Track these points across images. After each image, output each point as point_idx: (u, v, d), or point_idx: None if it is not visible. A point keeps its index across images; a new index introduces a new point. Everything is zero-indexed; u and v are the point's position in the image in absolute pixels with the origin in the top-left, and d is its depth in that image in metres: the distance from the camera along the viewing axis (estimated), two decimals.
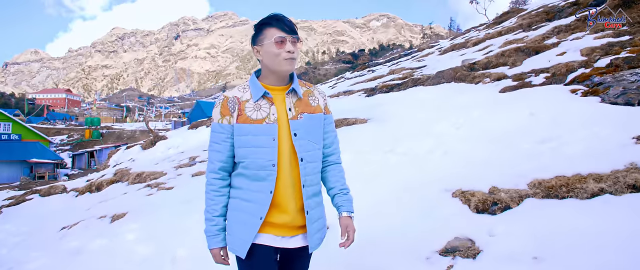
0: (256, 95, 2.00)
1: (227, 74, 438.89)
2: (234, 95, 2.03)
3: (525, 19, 13.25)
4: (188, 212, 5.68)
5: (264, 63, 2.03)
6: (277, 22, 1.98)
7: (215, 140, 2.02)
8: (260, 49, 2.02)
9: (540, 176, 3.96)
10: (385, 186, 4.78)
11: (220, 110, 2.02)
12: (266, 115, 1.97)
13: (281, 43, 1.95)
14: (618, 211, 3.15)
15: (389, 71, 13.23)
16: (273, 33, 1.96)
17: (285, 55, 1.96)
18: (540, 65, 8.64)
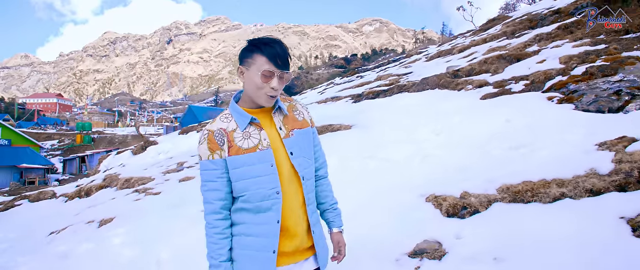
0: (243, 123, 1.87)
1: (220, 78, 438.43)
2: (219, 127, 1.88)
3: (509, 26, 13.53)
4: (174, 216, 5.83)
5: (245, 87, 1.90)
6: (270, 50, 1.81)
7: (209, 179, 1.87)
8: (245, 72, 1.87)
9: (509, 181, 4.16)
10: (364, 191, 4.95)
11: (208, 145, 1.86)
12: (258, 142, 1.86)
13: (267, 77, 1.81)
14: (574, 215, 3.34)
15: (376, 77, 13.45)
16: (262, 63, 1.81)
17: (268, 91, 1.83)
18: (521, 72, 8.87)
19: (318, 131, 8.43)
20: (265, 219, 1.84)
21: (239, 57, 1.92)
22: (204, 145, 1.88)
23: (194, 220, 5.54)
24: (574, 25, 11.04)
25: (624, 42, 8.83)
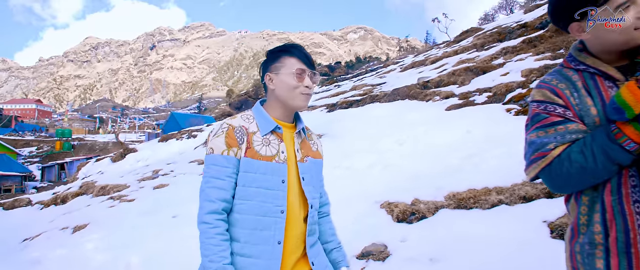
0: (265, 128, 1.77)
1: (204, 85, 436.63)
2: (240, 124, 1.75)
3: (479, 39, 14.03)
4: (147, 222, 6.05)
5: (275, 94, 1.80)
6: (298, 51, 1.80)
7: (217, 176, 1.68)
8: (275, 78, 1.79)
9: (456, 189, 4.50)
10: None
11: (226, 140, 1.70)
12: (276, 152, 1.74)
13: (300, 76, 1.76)
14: (507, 219, 3.69)
15: (351, 87, 13.82)
16: (293, 63, 1.77)
17: (303, 90, 1.77)
18: (485, 84, 9.30)
19: None
20: (264, 238, 1.67)
21: (262, 67, 1.88)
22: (221, 139, 1.70)
23: (166, 226, 5.77)
24: (537, 40, 11.55)
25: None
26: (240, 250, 1.66)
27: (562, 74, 1.42)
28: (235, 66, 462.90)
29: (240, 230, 1.67)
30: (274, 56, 1.83)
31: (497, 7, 39.41)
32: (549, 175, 1.32)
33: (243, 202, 1.67)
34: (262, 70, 1.88)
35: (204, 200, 1.66)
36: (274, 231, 1.68)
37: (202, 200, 1.67)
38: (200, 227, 1.64)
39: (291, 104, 1.79)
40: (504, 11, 37.03)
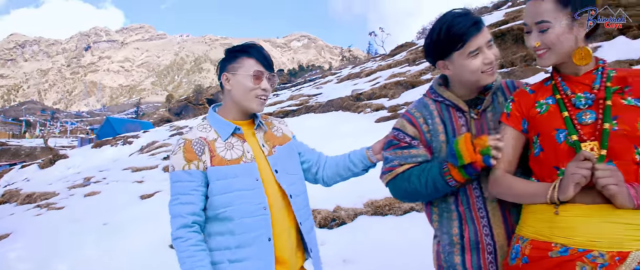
0: (225, 133, 1.76)
1: (142, 89, 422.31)
2: (197, 136, 1.72)
3: (412, 54, 14.80)
4: (76, 230, 6.00)
5: (231, 94, 1.79)
6: (257, 52, 1.78)
7: (182, 192, 1.66)
8: (231, 79, 1.77)
9: (375, 197, 4.88)
10: None
11: (185, 155, 1.68)
12: (241, 154, 1.74)
13: (257, 78, 1.76)
14: (416, 224, 4.10)
15: (289, 96, 14.14)
16: (251, 64, 1.76)
17: (259, 93, 1.77)
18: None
19: None
20: (252, 238, 1.65)
21: (219, 67, 1.85)
22: (180, 155, 1.68)
23: (97, 233, 5.76)
24: None
25: (504, 76, 10.15)
26: (232, 256, 1.65)
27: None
28: (176, 71, 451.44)
29: (227, 237, 1.66)
30: (232, 56, 1.80)
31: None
32: (393, 187, 1.71)
33: (225, 209, 1.65)
34: (219, 69, 1.85)
35: (174, 217, 1.65)
36: (262, 229, 1.66)
37: (172, 218, 1.66)
38: (174, 243, 1.63)
39: (246, 106, 1.78)
40: None
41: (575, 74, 1.47)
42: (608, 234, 1.26)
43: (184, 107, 54.63)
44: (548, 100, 1.48)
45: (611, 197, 1.25)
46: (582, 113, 1.40)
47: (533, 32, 1.46)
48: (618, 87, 1.41)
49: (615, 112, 1.37)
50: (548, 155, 1.42)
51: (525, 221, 1.46)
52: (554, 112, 1.44)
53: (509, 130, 1.54)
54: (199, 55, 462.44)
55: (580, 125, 1.38)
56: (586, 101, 1.41)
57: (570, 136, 1.37)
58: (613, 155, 1.33)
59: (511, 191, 1.47)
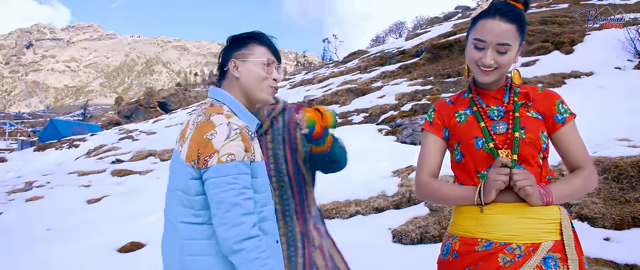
0: (252, 125, 1.64)
1: (90, 90, 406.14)
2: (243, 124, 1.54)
3: (364, 61, 15.16)
4: (14, 237, 5.82)
5: (240, 83, 1.65)
6: (268, 40, 1.69)
7: (247, 185, 1.46)
8: (241, 66, 1.64)
9: (322, 201, 5.05)
10: None
11: (244, 143, 1.47)
12: (261, 151, 1.62)
13: (270, 67, 1.66)
14: (361, 227, 4.30)
15: None
16: (263, 52, 1.66)
17: (271, 83, 1.67)
18: (363, 105, 10.20)
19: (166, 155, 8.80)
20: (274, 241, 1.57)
21: (224, 53, 1.70)
22: (239, 142, 1.46)
23: (40, 239, 5.62)
24: (412, 66, 12.87)
25: (445, 84, 10.63)
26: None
27: None
28: (126, 72, 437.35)
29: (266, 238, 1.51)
30: (241, 42, 1.67)
31: (388, 31, 41.95)
32: None
33: (263, 208, 1.54)
34: (223, 56, 1.70)
35: (244, 215, 1.42)
36: (276, 231, 1.60)
37: (237, 216, 1.41)
38: (246, 243, 1.40)
39: (257, 96, 1.65)
40: (394, 35, 39.49)
41: (489, 89, 1.66)
42: (525, 228, 1.46)
43: (134, 110, 53.04)
44: (466, 111, 1.66)
45: (526, 196, 1.45)
46: (496, 124, 1.58)
47: (489, 50, 1.55)
48: (523, 102, 1.63)
49: (523, 123, 1.56)
50: (469, 161, 1.59)
51: (456, 221, 1.62)
52: (472, 122, 1.62)
53: (432, 138, 1.68)
54: (150, 57, 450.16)
55: (494, 134, 1.56)
56: (499, 113, 1.60)
57: (487, 143, 1.54)
58: (522, 160, 1.54)
59: (438, 194, 1.62)
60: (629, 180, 3.88)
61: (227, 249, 1.41)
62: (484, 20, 1.58)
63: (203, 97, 27.14)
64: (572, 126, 1.60)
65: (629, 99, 6.52)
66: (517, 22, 1.55)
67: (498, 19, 1.54)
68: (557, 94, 1.66)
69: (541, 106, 1.62)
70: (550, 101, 1.62)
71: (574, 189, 1.53)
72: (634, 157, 4.13)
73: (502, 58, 1.55)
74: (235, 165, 1.43)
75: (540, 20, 12.04)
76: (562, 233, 1.49)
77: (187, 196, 1.51)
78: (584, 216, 3.61)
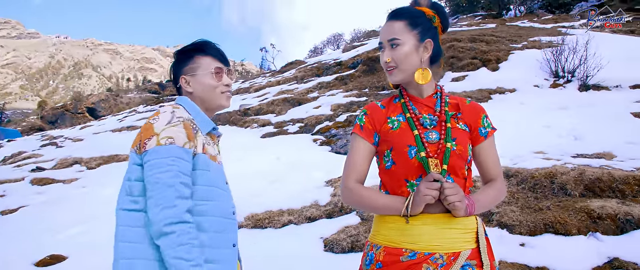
0: (205, 127, 1.67)
1: (7, 93, 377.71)
2: (188, 117, 1.61)
3: (301, 72, 15.28)
4: None
5: (194, 96, 1.73)
6: (212, 49, 1.75)
7: (184, 171, 1.47)
8: (192, 80, 1.72)
9: (255, 211, 5.03)
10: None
11: (185, 130, 1.52)
12: (216, 153, 1.69)
13: (219, 74, 1.73)
14: (293, 236, 4.32)
15: None
16: (209, 62, 1.72)
17: (223, 89, 1.74)
18: (299, 115, 10.27)
19: (103, 161, 8.43)
20: (223, 241, 1.58)
21: (173, 70, 1.77)
22: (180, 129, 1.51)
23: None
24: (348, 78, 13.13)
25: (380, 96, 10.94)
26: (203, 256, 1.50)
27: None
28: (51, 75, 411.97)
29: (202, 234, 1.50)
30: (186, 56, 1.74)
31: (326, 42, 42.50)
32: None
33: (205, 202, 1.54)
34: (173, 72, 1.77)
35: (177, 198, 1.41)
36: (231, 233, 1.62)
37: (172, 198, 1.40)
38: (176, 227, 1.38)
39: (214, 104, 1.73)
40: (332, 46, 40.03)
41: (420, 95, 1.68)
42: (447, 238, 1.51)
43: (60, 116, 49.93)
44: (399, 117, 1.66)
45: (453, 209, 1.49)
46: (429, 132, 1.60)
47: (386, 49, 1.64)
48: (454, 112, 1.67)
49: (454, 134, 1.61)
50: (399, 169, 1.59)
51: (379, 230, 1.63)
52: (406, 129, 1.62)
53: (361, 143, 1.67)
54: (79, 59, 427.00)
55: (427, 143, 1.58)
56: (431, 122, 1.62)
57: (419, 153, 1.56)
58: (451, 171, 1.57)
59: (365, 202, 1.62)
60: (542, 190, 4.19)
61: (157, 232, 1.38)
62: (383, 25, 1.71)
63: (136, 104, 26.22)
64: (492, 140, 1.68)
65: (544, 115, 7.04)
66: (408, 18, 1.63)
67: (388, 21, 1.66)
68: (483, 108, 1.72)
69: (468, 118, 1.67)
70: (477, 114, 1.68)
71: (490, 201, 1.63)
72: (548, 169, 4.47)
73: (395, 53, 1.61)
74: (174, 148, 1.45)
75: (470, 38, 12.72)
76: (477, 241, 1.56)
77: (128, 182, 1.53)
78: (503, 223, 3.85)
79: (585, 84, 8.46)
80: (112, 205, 4.55)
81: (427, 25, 1.67)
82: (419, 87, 1.67)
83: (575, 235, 3.60)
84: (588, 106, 7.36)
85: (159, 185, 1.41)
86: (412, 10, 1.68)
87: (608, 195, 4.07)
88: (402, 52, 1.62)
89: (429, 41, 1.65)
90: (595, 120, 6.47)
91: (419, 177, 1.58)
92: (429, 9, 1.70)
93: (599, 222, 3.67)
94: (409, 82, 1.67)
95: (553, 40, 11.24)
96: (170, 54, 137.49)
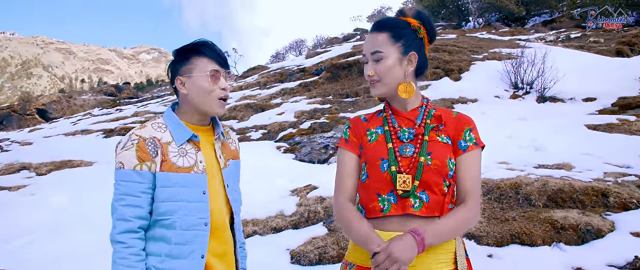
0: (181, 138, 1.64)
1: None
2: (151, 135, 1.61)
3: (263, 77, 15.13)
4: None
5: (188, 98, 1.68)
6: (210, 50, 1.68)
7: (130, 193, 1.54)
8: (187, 82, 1.67)
9: None
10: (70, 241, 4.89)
11: (137, 153, 1.56)
12: (194, 163, 1.64)
13: (215, 77, 1.66)
14: (258, 247, 4.18)
15: (134, 113, 13.35)
16: (205, 64, 1.66)
17: (219, 93, 1.68)
18: (262, 122, 10.11)
19: (55, 167, 8.00)
20: (186, 252, 1.59)
21: (170, 71, 1.73)
22: (132, 152, 1.56)
23: None
24: (312, 84, 13.09)
25: (343, 104, 10.93)
26: (160, 265, 1.58)
27: None
28: None
29: (163, 244, 1.58)
30: (183, 57, 1.70)
31: (288, 47, 42.39)
32: None
33: (165, 218, 1.58)
34: (170, 73, 1.74)
35: (118, 219, 1.52)
36: (197, 245, 1.60)
37: (115, 219, 1.53)
38: (114, 246, 1.52)
39: (206, 109, 1.69)
40: (294, 52, 39.97)
41: (404, 109, 1.64)
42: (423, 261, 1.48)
43: (6, 117, 47.42)
44: (378, 129, 1.63)
45: None
46: (404, 146, 1.57)
47: (369, 62, 1.60)
48: (435, 125, 1.61)
49: (431, 147, 1.55)
50: (372, 183, 1.56)
51: (353, 249, 1.61)
52: (381, 142, 1.59)
53: (347, 155, 1.65)
54: (28, 58, 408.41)
55: (401, 158, 1.54)
56: (409, 135, 1.58)
57: (390, 166, 1.52)
58: (426, 186, 1.52)
59: (345, 224, 1.56)
60: (508, 201, 4.25)
61: None
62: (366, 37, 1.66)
63: (91, 106, 25.39)
64: (472, 156, 1.59)
65: (506, 125, 7.20)
66: (391, 30, 1.58)
67: (371, 32, 1.62)
68: (471, 120, 1.65)
69: (451, 130, 1.61)
70: (460, 127, 1.62)
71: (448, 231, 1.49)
72: (512, 179, 4.53)
73: (377, 66, 1.57)
74: (122, 172, 1.56)
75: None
76: (456, 261, 1.52)
77: None
78: (472, 235, 3.86)
79: (542, 95, 8.75)
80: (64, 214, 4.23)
81: (412, 37, 1.62)
82: (403, 101, 1.63)
83: (540, 246, 3.64)
84: (545, 117, 7.59)
85: (112, 207, 1.57)
86: (396, 22, 1.63)
87: (569, 206, 4.16)
88: (385, 65, 1.58)
89: (413, 54, 1.61)
90: (553, 132, 6.66)
91: (390, 191, 1.54)
92: (415, 20, 1.65)
93: (562, 233, 3.74)
94: (392, 95, 1.63)
95: (512, 52, 11.59)
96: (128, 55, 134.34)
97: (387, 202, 1.53)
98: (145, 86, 78.10)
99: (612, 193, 4.21)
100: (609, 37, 15.89)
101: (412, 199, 1.52)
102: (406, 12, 1.67)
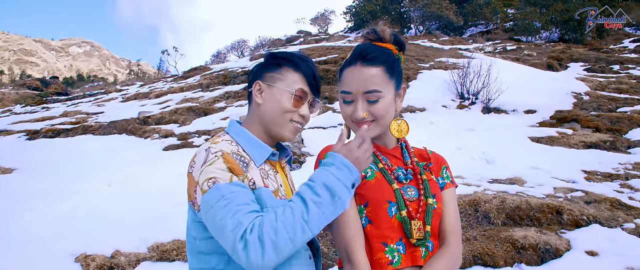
0: (260, 157, 1.38)
1: None
2: (231, 150, 1.32)
3: (206, 79, 14.56)
4: None
5: (260, 110, 1.43)
6: (306, 67, 1.44)
7: (242, 201, 1.20)
8: (266, 90, 1.43)
9: (161, 240, 4.44)
10: (8, 252, 4.44)
11: (227, 165, 1.26)
12: (277, 187, 1.39)
13: (300, 100, 1.41)
14: None
15: (63, 112, 12.35)
16: (294, 80, 1.42)
17: (296, 119, 1.43)
18: (205, 126, 9.64)
19: None
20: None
21: (254, 72, 1.49)
22: (220, 164, 1.25)
23: None
24: None
25: None
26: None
27: None
28: None
29: None
30: (274, 63, 1.45)
31: (230, 47, 41.54)
32: None
33: None
34: (251, 74, 1.50)
35: (233, 230, 1.13)
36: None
37: (236, 231, 1.13)
38: (263, 230, 1.12)
39: (275, 130, 1.42)
40: (236, 52, 39.20)
41: (386, 145, 1.47)
42: None
43: None
44: (372, 166, 1.43)
45: None
46: (407, 187, 1.39)
47: (359, 102, 1.36)
48: (424, 163, 1.47)
49: (432, 189, 1.41)
50: (375, 229, 1.35)
51: None
52: (382, 182, 1.39)
53: None
54: None
55: (408, 201, 1.36)
56: (407, 176, 1.42)
57: (400, 211, 1.34)
58: (433, 232, 1.38)
59: None
60: (467, 218, 4.16)
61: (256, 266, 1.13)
62: (347, 70, 1.39)
63: (11, 101, 23.34)
64: (451, 194, 1.48)
65: (455, 136, 7.26)
66: (385, 63, 1.36)
67: (360, 65, 1.35)
68: (444, 159, 1.56)
69: (434, 169, 1.50)
70: (439, 165, 1.52)
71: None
72: (470, 196, 4.47)
73: (375, 108, 1.35)
74: (221, 186, 1.20)
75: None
76: None
77: (194, 241, 1.34)
78: None
79: (487, 106, 8.95)
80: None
81: (399, 68, 1.43)
82: (384, 137, 1.46)
83: (502, 267, 3.58)
84: (492, 129, 7.73)
85: (227, 231, 1.14)
86: (387, 53, 1.40)
87: (527, 224, 4.15)
88: (384, 105, 1.36)
89: (404, 88, 1.46)
90: (500, 144, 6.77)
91: (399, 240, 1.34)
92: (394, 46, 1.43)
93: (523, 252, 3.70)
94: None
95: (458, 62, 11.83)
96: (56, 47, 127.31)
97: (396, 253, 1.33)
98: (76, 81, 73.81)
99: (565, 210, 4.25)
100: (541, 51, 16.74)
101: (421, 248, 1.35)
102: (384, 36, 1.43)
